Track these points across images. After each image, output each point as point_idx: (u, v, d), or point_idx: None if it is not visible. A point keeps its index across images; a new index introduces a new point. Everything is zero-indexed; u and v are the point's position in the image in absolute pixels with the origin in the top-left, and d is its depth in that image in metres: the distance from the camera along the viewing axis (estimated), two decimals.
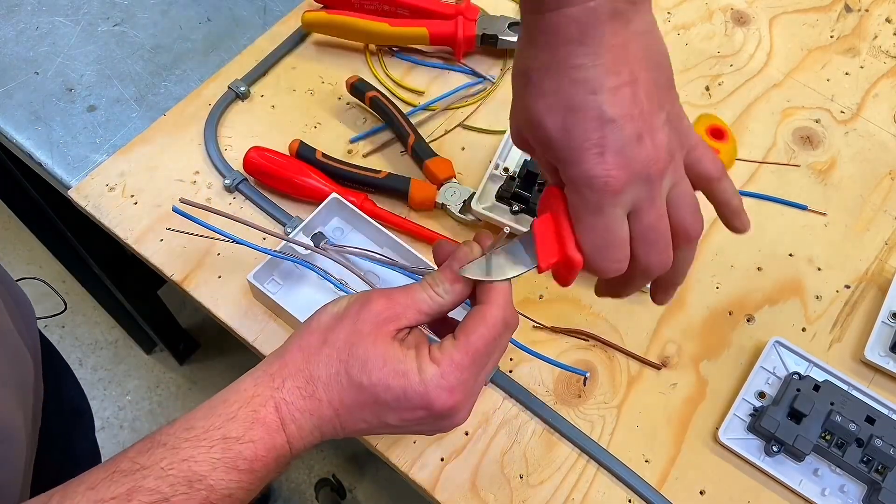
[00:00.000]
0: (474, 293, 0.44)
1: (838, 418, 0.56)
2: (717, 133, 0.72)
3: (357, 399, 0.40)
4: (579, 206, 0.40)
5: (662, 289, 0.48)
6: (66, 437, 0.74)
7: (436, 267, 0.60)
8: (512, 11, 0.79)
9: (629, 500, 0.56)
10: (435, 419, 0.41)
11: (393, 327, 0.41)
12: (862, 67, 0.79)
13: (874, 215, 0.70)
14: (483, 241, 0.45)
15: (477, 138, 0.72)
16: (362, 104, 0.72)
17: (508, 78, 0.75)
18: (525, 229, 0.63)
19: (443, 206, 0.66)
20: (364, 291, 0.43)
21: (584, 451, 0.58)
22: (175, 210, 0.54)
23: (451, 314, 0.45)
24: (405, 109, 0.71)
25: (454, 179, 0.67)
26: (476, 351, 0.41)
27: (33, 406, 0.55)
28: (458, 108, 0.73)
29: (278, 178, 0.65)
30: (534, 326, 0.62)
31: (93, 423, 0.84)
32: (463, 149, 0.71)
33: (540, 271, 0.43)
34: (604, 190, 0.39)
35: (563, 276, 0.44)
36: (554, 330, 0.62)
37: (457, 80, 0.75)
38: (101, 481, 0.36)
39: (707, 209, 0.70)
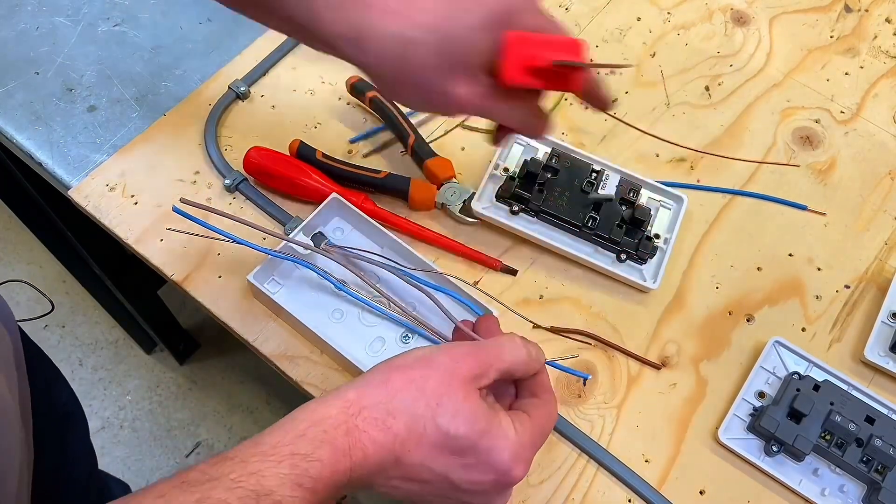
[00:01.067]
0: (529, 385, 0.47)
1: (838, 418, 0.56)
2: None
3: (438, 444, 0.40)
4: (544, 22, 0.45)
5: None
6: (60, 441, 0.74)
7: (437, 268, 0.60)
8: None
9: (629, 500, 0.56)
10: (496, 488, 0.42)
11: (477, 386, 0.42)
12: (862, 67, 0.79)
13: (874, 215, 0.70)
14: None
15: (477, 138, 0.72)
16: (362, 104, 0.72)
17: None
18: (524, 230, 0.64)
19: (443, 206, 0.66)
20: (451, 344, 0.44)
21: (584, 451, 0.58)
22: (175, 210, 0.54)
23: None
24: (405, 109, 0.71)
25: (454, 179, 0.67)
26: (544, 437, 0.44)
27: (20, 390, 0.55)
28: None
29: (278, 178, 0.65)
30: (534, 327, 0.62)
31: (86, 425, 0.84)
32: (463, 149, 0.71)
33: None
34: None
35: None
36: (554, 330, 0.62)
37: None
38: (170, 489, 0.36)
39: (707, 209, 0.70)
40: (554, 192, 0.64)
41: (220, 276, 0.63)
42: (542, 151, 0.68)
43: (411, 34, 0.42)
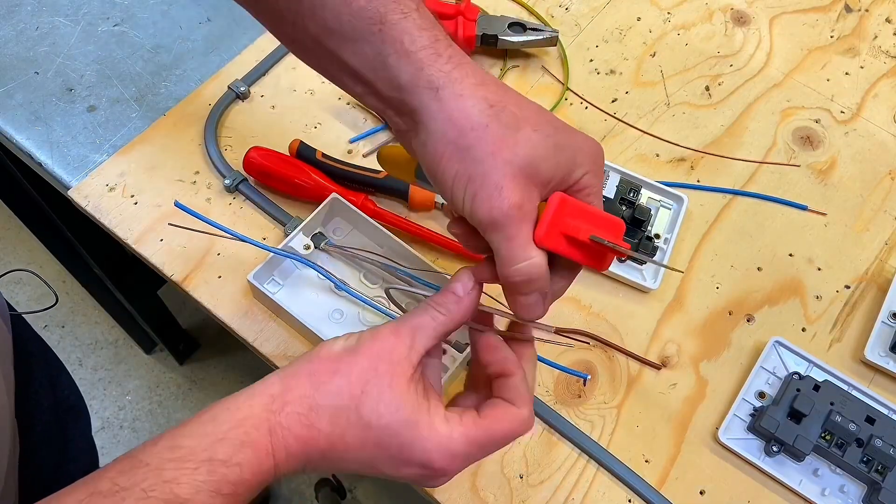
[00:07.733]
0: (499, 387, 0.43)
1: (838, 418, 0.56)
2: None
3: (360, 437, 0.39)
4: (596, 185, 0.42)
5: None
6: (62, 435, 0.74)
7: (437, 268, 0.60)
8: (512, 12, 0.79)
9: (629, 500, 0.56)
10: (425, 477, 0.41)
11: (408, 366, 0.40)
12: (862, 67, 0.79)
13: (874, 215, 0.70)
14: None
15: None
16: (362, 104, 0.72)
17: (508, 77, 0.75)
18: None
19: (443, 206, 0.66)
20: (373, 327, 0.42)
21: (584, 451, 0.58)
22: (177, 205, 0.54)
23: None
24: None
25: None
26: (494, 439, 0.41)
27: (8, 382, 0.55)
28: None
29: (278, 178, 0.65)
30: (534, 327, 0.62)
31: (89, 421, 0.84)
32: None
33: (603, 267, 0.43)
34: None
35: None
36: (554, 331, 0.62)
37: None
38: (79, 503, 0.35)
39: (707, 209, 0.70)
40: None
41: (220, 276, 0.63)
42: None
43: (484, 118, 0.39)
